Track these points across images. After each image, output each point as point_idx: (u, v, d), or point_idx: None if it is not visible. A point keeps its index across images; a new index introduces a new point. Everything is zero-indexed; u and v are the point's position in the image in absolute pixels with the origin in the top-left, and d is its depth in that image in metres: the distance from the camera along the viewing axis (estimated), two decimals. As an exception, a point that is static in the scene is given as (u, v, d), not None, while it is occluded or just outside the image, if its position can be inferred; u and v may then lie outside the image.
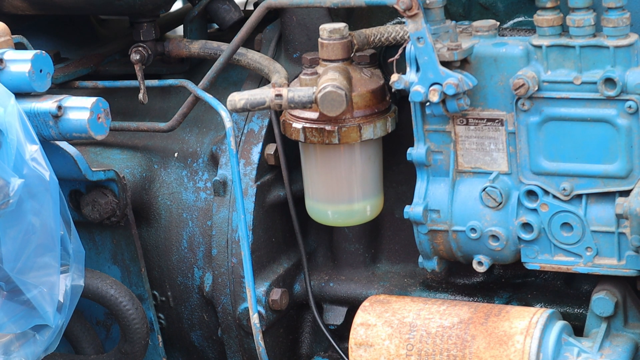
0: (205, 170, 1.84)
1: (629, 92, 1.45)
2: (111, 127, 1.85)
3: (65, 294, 1.60)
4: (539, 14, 1.49)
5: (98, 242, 1.85)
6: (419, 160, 1.60)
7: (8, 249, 1.53)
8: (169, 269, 1.86)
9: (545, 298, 1.71)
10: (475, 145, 1.57)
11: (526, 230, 1.55)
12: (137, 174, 1.86)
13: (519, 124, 1.52)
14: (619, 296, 1.56)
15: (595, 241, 1.52)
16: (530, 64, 1.50)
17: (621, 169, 1.48)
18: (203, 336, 1.89)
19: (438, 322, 1.56)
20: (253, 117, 1.79)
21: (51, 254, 1.56)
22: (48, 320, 1.57)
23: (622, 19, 1.45)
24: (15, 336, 1.58)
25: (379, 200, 1.73)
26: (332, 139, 1.63)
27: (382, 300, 1.64)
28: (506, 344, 1.51)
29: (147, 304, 1.83)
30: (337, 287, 1.83)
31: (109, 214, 1.75)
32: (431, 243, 1.61)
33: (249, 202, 1.76)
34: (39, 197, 1.54)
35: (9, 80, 1.58)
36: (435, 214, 1.59)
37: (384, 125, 1.65)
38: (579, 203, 1.53)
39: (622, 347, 1.54)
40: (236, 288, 1.77)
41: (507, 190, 1.56)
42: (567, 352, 1.52)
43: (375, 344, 1.58)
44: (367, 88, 1.65)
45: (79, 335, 1.84)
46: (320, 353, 1.87)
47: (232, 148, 1.68)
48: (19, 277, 1.54)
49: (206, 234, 1.81)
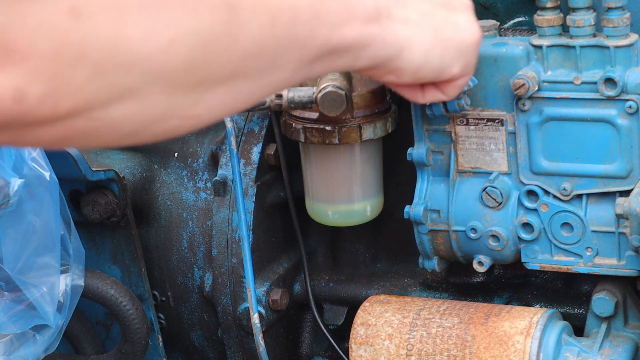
0: (205, 170, 1.84)
1: (629, 92, 1.45)
2: None
3: (65, 294, 1.60)
4: (539, 14, 1.49)
5: (98, 242, 1.85)
6: (419, 160, 1.60)
7: (8, 249, 1.53)
8: (169, 269, 1.86)
9: (545, 298, 1.71)
10: (475, 145, 1.57)
11: (526, 230, 1.55)
12: (137, 174, 1.86)
13: (519, 124, 1.52)
14: (619, 296, 1.56)
15: (595, 241, 1.52)
16: (530, 64, 1.50)
17: (621, 169, 1.48)
18: (203, 336, 1.89)
19: (438, 322, 1.56)
20: (253, 117, 1.79)
21: (51, 254, 1.56)
22: (48, 320, 1.57)
23: (622, 19, 1.45)
24: (15, 336, 1.59)
25: (379, 200, 1.73)
26: (332, 139, 1.63)
27: (382, 300, 1.63)
28: (506, 344, 1.51)
29: (147, 304, 1.83)
30: (337, 287, 1.83)
31: (109, 214, 1.75)
32: (431, 243, 1.61)
33: (249, 202, 1.76)
34: (39, 197, 1.54)
35: (9, 80, 1.58)
36: (436, 214, 1.59)
37: (384, 125, 1.65)
38: (579, 203, 1.52)
39: (622, 347, 1.54)
40: (236, 288, 1.77)
41: (507, 190, 1.56)
42: (567, 352, 1.52)
43: (375, 344, 1.58)
44: (367, 88, 1.65)
45: (79, 335, 1.84)
46: (320, 353, 1.87)
47: (232, 148, 1.68)
48: (19, 277, 1.54)
49: (206, 234, 1.81)
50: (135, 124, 0.85)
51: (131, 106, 0.83)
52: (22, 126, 0.79)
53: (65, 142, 0.83)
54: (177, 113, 0.88)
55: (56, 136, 0.81)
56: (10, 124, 0.78)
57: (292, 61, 0.98)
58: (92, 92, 0.79)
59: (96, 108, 0.81)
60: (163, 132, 0.89)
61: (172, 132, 0.90)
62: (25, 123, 0.78)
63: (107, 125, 0.83)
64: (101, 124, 0.82)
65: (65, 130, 0.81)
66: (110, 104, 0.81)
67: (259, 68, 0.93)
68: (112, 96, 0.81)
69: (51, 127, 0.80)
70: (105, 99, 0.81)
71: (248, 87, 0.93)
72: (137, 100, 0.83)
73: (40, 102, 0.77)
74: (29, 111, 0.77)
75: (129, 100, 0.82)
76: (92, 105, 0.80)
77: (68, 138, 0.82)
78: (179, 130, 0.90)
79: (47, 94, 0.77)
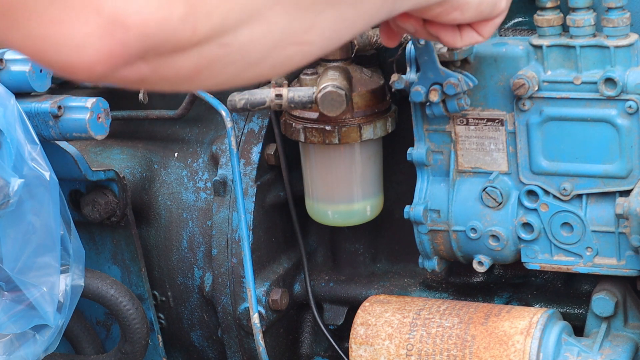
0: (205, 170, 1.84)
1: (629, 92, 1.45)
2: (120, 117, 1.85)
3: (65, 294, 1.60)
4: (539, 14, 1.49)
5: (98, 242, 1.85)
6: (419, 160, 1.60)
7: (8, 249, 1.53)
8: (169, 269, 1.86)
9: (545, 298, 1.71)
10: (475, 145, 1.57)
11: (526, 230, 1.55)
12: (137, 174, 1.86)
13: (519, 124, 1.52)
14: (619, 296, 1.56)
15: (595, 241, 1.52)
16: (530, 64, 1.50)
17: (621, 169, 1.48)
18: (203, 336, 1.89)
19: (438, 322, 1.56)
20: (253, 117, 1.79)
21: (51, 254, 1.57)
22: (48, 320, 1.57)
23: (622, 19, 1.45)
24: (15, 336, 1.59)
25: (379, 200, 1.73)
26: (332, 139, 1.63)
27: (382, 300, 1.64)
28: (506, 344, 1.51)
29: (147, 304, 1.83)
30: (337, 287, 1.83)
31: (109, 214, 1.75)
32: (431, 243, 1.61)
33: (249, 202, 1.76)
34: (39, 197, 1.54)
35: (9, 80, 1.58)
36: (436, 214, 1.59)
37: (384, 125, 1.65)
38: (579, 203, 1.52)
39: (622, 347, 1.54)
40: (236, 288, 1.77)
41: (507, 190, 1.56)
42: (567, 352, 1.52)
43: (375, 344, 1.58)
44: (367, 88, 1.65)
45: (79, 335, 1.84)
46: (320, 353, 1.87)
47: (232, 148, 1.68)
48: (19, 277, 1.54)
49: (206, 234, 1.81)
50: (260, 50, 0.88)
51: (257, 28, 0.86)
52: (164, 52, 0.81)
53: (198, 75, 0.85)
54: (295, 38, 0.91)
55: (192, 66, 0.83)
56: (154, 49, 0.79)
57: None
58: (226, 12, 0.82)
59: (228, 31, 0.84)
60: (281, 62, 0.92)
61: (289, 62, 0.93)
62: (168, 48, 0.80)
63: (236, 52, 0.86)
64: (231, 50, 0.85)
65: (200, 59, 0.83)
66: (240, 26, 0.84)
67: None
68: (241, 17, 0.84)
69: (189, 55, 0.82)
70: (235, 20, 0.84)
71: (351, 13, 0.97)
72: (262, 22, 0.86)
73: (182, 23, 0.79)
74: (172, 32, 0.78)
75: (255, 22, 0.86)
76: (226, 27, 0.83)
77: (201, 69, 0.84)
78: (295, 59, 0.93)
79: (188, 14, 0.79)
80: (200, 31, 0.81)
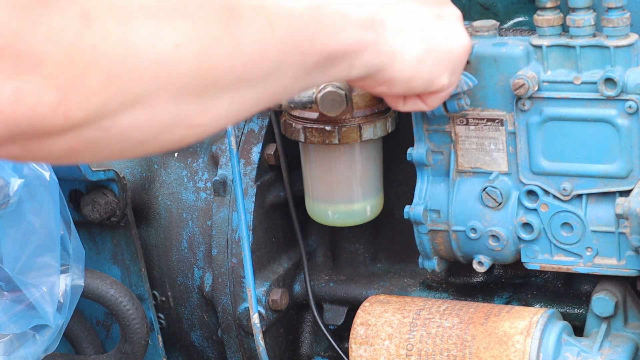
0: (205, 170, 1.84)
1: (629, 92, 1.45)
2: None
3: (65, 294, 1.60)
4: (539, 14, 1.49)
5: (98, 242, 1.85)
6: (419, 160, 1.60)
7: (8, 249, 1.53)
8: (169, 269, 1.86)
9: (545, 298, 1.71)
10: (475, 145, 1.57)
11: (526, 230, 1.55)
12: (137, 174, 1.86)
13: (519, 124, 1.52)
14: (619, 296, 1.56)
15: (595, 241, 1.52)
16: (530, 64, 1.50)
17: (621, 169, 1.48)
18: (203, 336, 1.89)
19: (438, 322, 1.56)
20: (253, 117, 1.79)
21: (51, 254, 1.57)
22: (48, 320, 1.57)
23: (622, 19, 1.45)
24: (15, 336, 1.59)
25: (379, 200, 1.73)
26: (332, 139, 1.63)
27: (382, 300, 1.63)
28: (506, 344, 1.51)
29: (147, 304, 1.83)
30: (337, 287, 1.83)
31: (109, 214, 1.75)
32: (431, 243, 1.61)
33: (249, 202, 1.76)
34: (39, 197, 1.54)
35: (9, 80, 1.58)
36: (435, 214, 1.59)
37: (384, 125, 1.65)
38: (579, 203, 1.52)
39: (622, 347, 1.54)
40: (236, 288, 1.77)
41: (507, 190, 1.56)
42: (567, 352, 1.52)
43: (375, 344, 1.58)
44: (367, 88, 1.65)
45: (79, 335, 1.84)
46: (320, 353, 1.87)
47: (232, 148, 1.68)
48: (19, 277, 1.54)
49: (206, 234, 1.81)
50: (144, 134, 0.85)
51: (141, 114, 0.83)
52: (34, 137, 0.78)
53: (74, 155, 0.82)
54: (185, 122, 0.88)
55: (66, 148, 0.81)
56: (22, 134, 0.77)
57: (292, 67, 0.99)
58: (104, 99, 0.79)
59: (107, 116, 0.80)
60: (170, 143, 0.89)
61: (178, 143, 0.90)
62: (38, 133, 0.78)
63: (116, 135, 0.83)
64: (111, 133, 0.82)
65: (75, 142, 0.80)
66: (121, 112, 0.81)
67: (261, 74, 0.94)
68: (123, 103, 0.81)
69: (62, 138, 0.79)
70: (116, 106, 0.80)
71: (251, 94, 0.94)
72: (147, 107, 0.83)
73: (53, 110, 0.76)
74: (42, 119, 0.76)
75: (139, 107, 0.82)
76: (104, 113, 0.80)
77: (77, 150, 0.81)
78: (185, 141, 0.90)
79: (60, 101, 0.76)
80: (74, 118, 0.78)
